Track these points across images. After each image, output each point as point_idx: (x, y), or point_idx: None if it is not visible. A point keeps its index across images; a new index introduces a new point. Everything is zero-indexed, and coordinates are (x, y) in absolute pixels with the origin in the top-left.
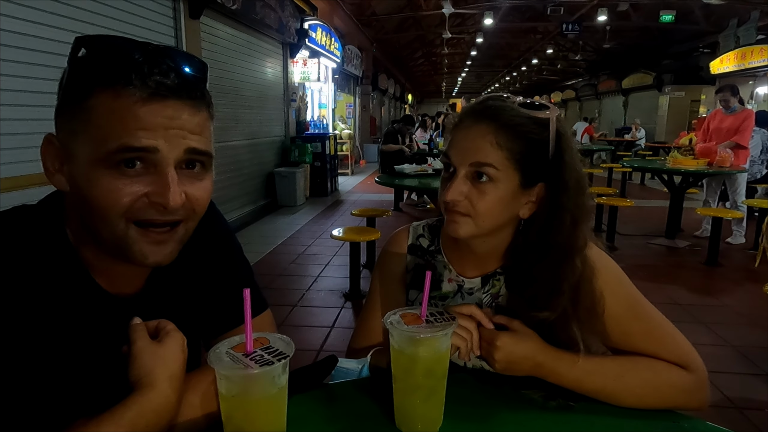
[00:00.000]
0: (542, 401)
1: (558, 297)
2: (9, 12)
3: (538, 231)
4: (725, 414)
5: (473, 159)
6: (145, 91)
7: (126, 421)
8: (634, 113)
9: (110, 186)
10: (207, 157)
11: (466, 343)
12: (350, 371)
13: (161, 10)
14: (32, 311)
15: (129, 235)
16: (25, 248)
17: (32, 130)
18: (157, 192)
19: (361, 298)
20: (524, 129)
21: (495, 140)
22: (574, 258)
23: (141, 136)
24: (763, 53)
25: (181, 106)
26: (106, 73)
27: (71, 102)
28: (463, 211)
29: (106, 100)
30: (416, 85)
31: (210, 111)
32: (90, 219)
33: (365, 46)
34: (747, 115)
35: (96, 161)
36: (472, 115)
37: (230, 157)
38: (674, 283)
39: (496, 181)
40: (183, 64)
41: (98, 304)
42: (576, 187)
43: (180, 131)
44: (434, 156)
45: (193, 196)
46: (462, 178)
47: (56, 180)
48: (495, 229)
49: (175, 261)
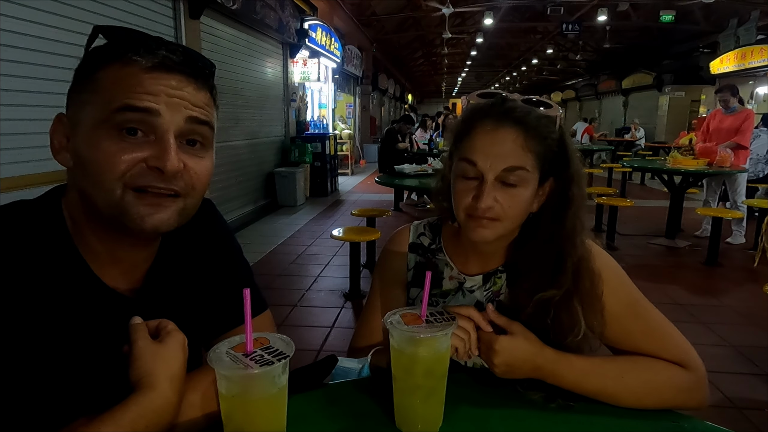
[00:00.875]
0: (542, 402)
1: (562, 275)
2: (9, 12)
3: (546, 222)
4: (725, 414)
5: (506, 164)
6: (151, 60)
7: (126, 422)
8: (634, 113)
9: (110, 149)
10: (208, 129)
11: (464, 343)
12: (350, 371)
13: (161, 10)
14: (32, 306)
15: (126, 200)
16: (25, 242)
17: (32, 130)
18: (155, 156)
19: (361, 298)
20: (546, 130)
21: (525, 144)
22: (576, 239)
23: (144, 98)
24: (763, 53)
25: (185, 80)
26: (116, 48)
27: (82, 76)
28: (493, 216)
29: (114, 69)
30: (416, 85)
31: (214, 96)
32: (88, 188)
33: (365, 46)
34: (747, 115)
35: (99, 123)
36: (494, 118)
37: (230, 157)
38: (674, 283)
39: (526, 183)
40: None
41: (98, 299)
42: (579, 178)
43: (182, 101)
44: (434, 156)
45: (192, 170)
46: (493, 183)
47: (61, 157)
48: (515, 227)
49: (175, 259)
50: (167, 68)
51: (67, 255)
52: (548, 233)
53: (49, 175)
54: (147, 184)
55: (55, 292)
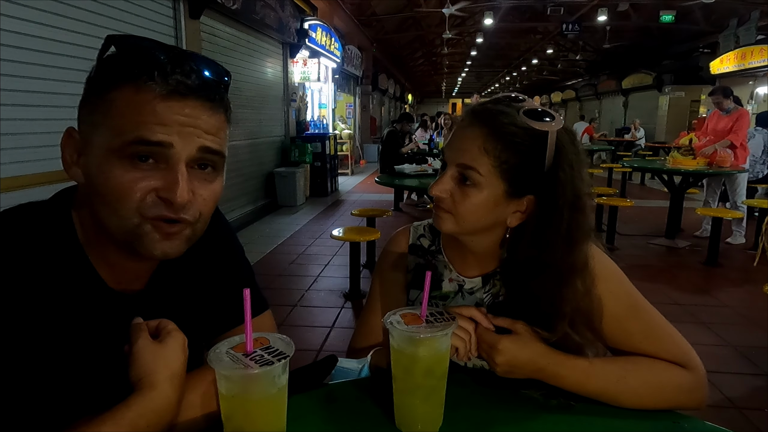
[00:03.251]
0: (542, 400)
1: (560, 320)
2: (9, 12)
3: (527, 245)
4: (725, 414)
5: (460, 160)
6: (165, 87)
7: (127, 422)
8: (634, 113)
9: (122, 178)
10: (219, 158)
11: (464, 343)
12: (350, 371)
13: (161, 10)
14: (36, 306)
15: (142, 229)
16: (33, 244)
17: (32, 130)
18: (166, 187)
19: (361, 298)
20: (516, 139)
21: (483, 146)
22: (575, 279)
23: (157, 131)
24: (763, 53)
25: (199, 107)
26: (130, 69)
27: (95, 94)
28: (445, 207)
29: (127, 93)
30: (416, 85)
31: (228, 115)
32: (102, 211)
33: (365, 46)
34: (739, 114)
35: (111, 151)
36: (471, 116)
37: (230, 157)
38: (674, 283)
39: (479, 186)
40: (205, 68)
41: (102, 301)
42: (572, 205)
43: (195, 130)
44: (434, 156)
45: (200, 196)
46: (449, 176)
47: (73, 172)
48: (479, 230)
49: (179, 259)
50: (181, 95)
51: (73, 257)
52: (531, 258)
53: (49, 175)
54: (159, 214)
55: (58, 291)
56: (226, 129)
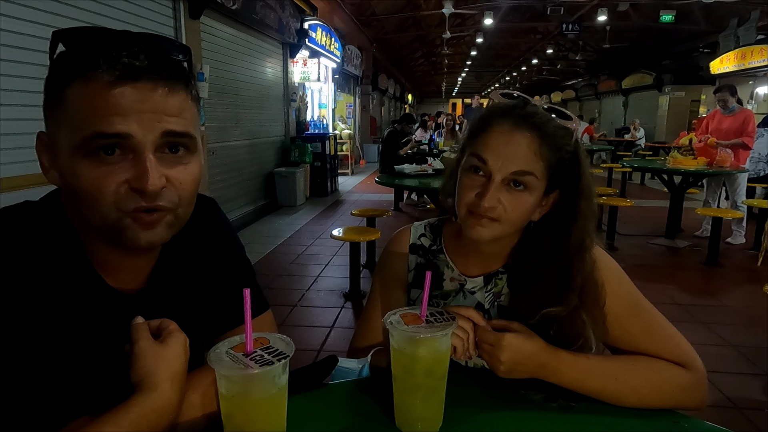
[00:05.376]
0: (543, 402)
1: (570, 292)
2: (9, 12)
3: (551, 234)
4: (725, 414)
5: (516, 167)
6: (112, 74)
7: (128, 422)
8: (634, 113)
9: (91, 175)
10: (189, 139)
11: (462, 342)
12: (350, 371)
13: (161, 10)
14: (36, 305)
15: (123, 223)
16: (30, 243)
17: (32, 130)
18: (136, 176)
19: (361, 298)
20: (562, 141)
21: (539, 150)
22: (585, 255)
23: (114, 122)
24: (763, 53)
25: (153, 87)
26: (78, 61)
27: (52, 95)
28: (494, 216)
29: (77, 87)
30: (416, 85)
31: (190, 91)
32: (83, 209)
33: (365, 46)
34: (747, 115)
35: (75, 149)
36: (512, 120)
37: (230, 157)
38: (674, 283)
39: (532, 189)
40: (155, 47)
41: (102, 299)
42: (589, 193)
43: (154, 114)
44: (434, 156)
45: (176, 180)
46: (499, 184)
47: (51, 176)
48: (515, 231)
49: (178, 258)
50: (132, 77)
51: (72, 256)
52: (554, 245)
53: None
54: (136, 206)
55: (59, 291)
56: (191, 108)
